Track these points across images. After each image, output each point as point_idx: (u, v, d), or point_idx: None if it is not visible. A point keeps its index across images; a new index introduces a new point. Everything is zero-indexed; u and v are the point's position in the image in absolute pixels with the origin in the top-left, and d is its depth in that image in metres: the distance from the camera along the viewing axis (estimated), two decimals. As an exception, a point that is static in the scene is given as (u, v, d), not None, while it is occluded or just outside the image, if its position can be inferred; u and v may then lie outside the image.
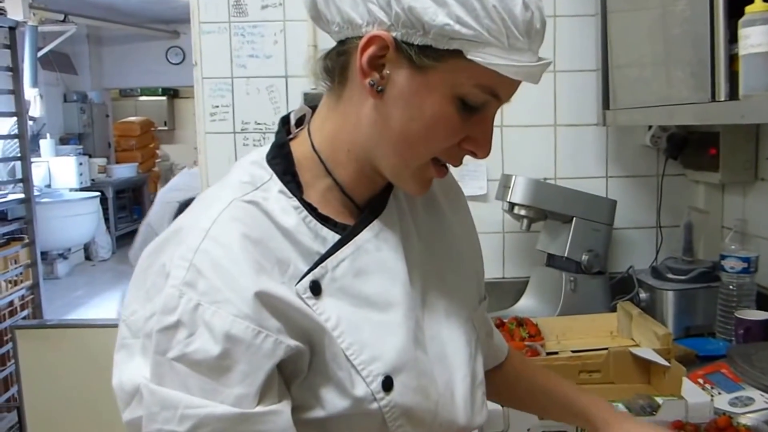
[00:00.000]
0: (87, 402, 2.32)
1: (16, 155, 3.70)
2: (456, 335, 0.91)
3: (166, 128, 10.64)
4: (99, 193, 7.14)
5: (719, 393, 1.43)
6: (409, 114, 0.77)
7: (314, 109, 0.88)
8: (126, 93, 10.38)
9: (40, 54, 6.59)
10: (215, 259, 0.72)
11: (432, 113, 0.77)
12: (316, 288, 0.77)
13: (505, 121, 2.16)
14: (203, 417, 0.69)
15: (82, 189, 7.12)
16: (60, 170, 7.04)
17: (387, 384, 0.78)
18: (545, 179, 2.16)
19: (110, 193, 7.58)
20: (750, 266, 1.72)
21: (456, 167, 0.86)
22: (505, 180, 2.02)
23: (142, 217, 4.21)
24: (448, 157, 0.82)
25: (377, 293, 0.82)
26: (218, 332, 0.70)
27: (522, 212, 2.00)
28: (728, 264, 1.74)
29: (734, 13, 1.20)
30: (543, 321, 1.87)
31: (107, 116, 8.88)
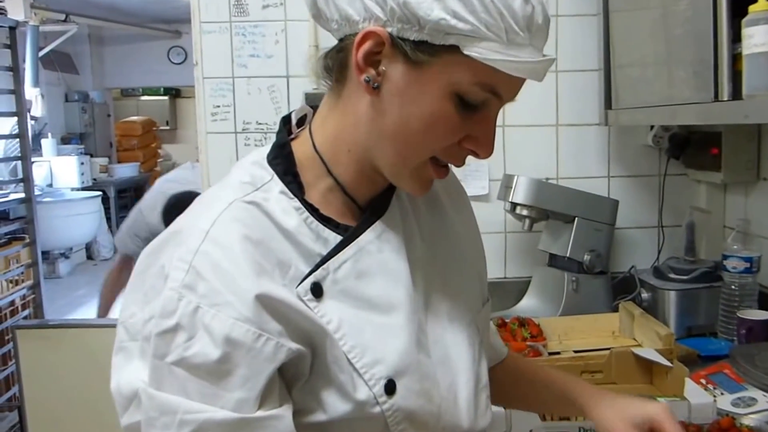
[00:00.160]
0: (88, 402, 2.31)
1: (18, 155, 3.69)
2: (459, 338, 0.90)
3: (168, 128, 10.64)
4: (101, 193, 7.14)
5: (722, 393, 1.42)
6: (406, 111, 0.76)
7: (316, 109, 0.87)
8: (128, 93, 10.39)
9: (42, 54, 6.60)
10: (215, 261, 0.71)
11: (429, 110, 0.75)
12: (318, 290, 0.76)
13: (507, 121, 2.16)
14: (203, 422, 0.68)
15: (84, 188, 7.13)
16: (62, 170, 7.05)
17: (389, 387, 0.77)
18: (547, 179, 2.16)
19: (112, 193, 7.59)
20: (752, 266, 1.72)
21: (458, 167, 0.84)
22: (507, 180, 2.01)
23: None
24: (449, 157, 0.81)
25: (379, 295, 0.81)
26: (218, 336, 0.68)
27: (524, 212, 1.99)
28: (730, 264, 1.74)
29: (737, 13, 1.19)
30: (545, 321, 1.87)
31: (109, 116, 8.89)
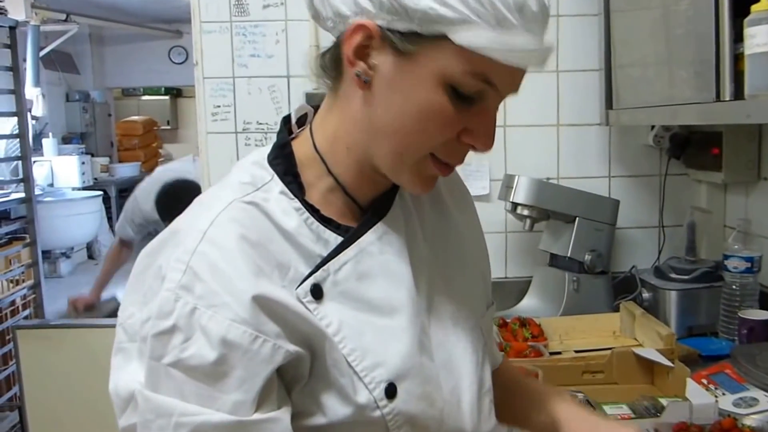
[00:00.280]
0: (88, 402, 2.31)
1: (19, 155, 3.69)
2: (463, 341, 0.88)
3: (169, 127, 10.61)
4: (101, 192, 7.11)
5: (723, 394, 1.42)
6: (398, 104, 0.74)
7: (317, 110, 0.86)
8: (129, 92, 10.36)
9: (43, 53, 6.59)
10: (212, 262, 0.70)
11: (421, 103, 0.73)
12: (318, 291, 0.75)
13: (508, 121, 2.15)
14: (198, 425, 0.68)
15: (85, 188, 7.11)
16: (63, 169, 7.03)
17: (390, 391, 0.76)
18: (548, 179, 2.16)
19: (113, 192, 7.55)
20: (753, 266, 1.72)
21: (458, 165, 0.81)
22: (508, 180, 2.01)
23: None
24: (447, 153, 0.77)
25: (381, 297, 0.79)
26: (214, 337, 0.68)
27: (525, 212, 1.99)
28: (731, 264, 1.73)
29: (739, 12, 1.19)
30: (546, 321, 1.87)
31: (110, 115, 8.86)
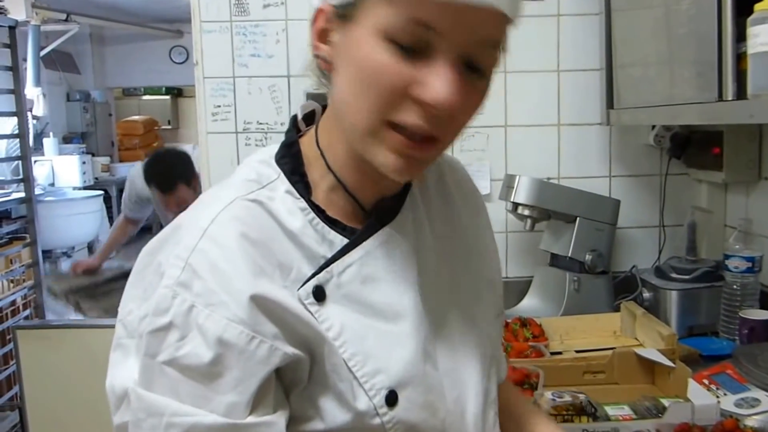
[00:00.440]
0: (88, 402, 2.31)
1: (19, 155, 3.69)
2: (470, 350, 0.86)
3: (170, 127, 10.61)
4: (102, 192, 7.12)
5: (725, 394, 1.42)
6: (348, 73, 0.71)
7: (326, 107, 0.84)
8: (129, 92, 10.36)
9: (43, 53, 6.59)
10: (212, 260, 0.69)
11: (363, 63, 0.69)
12: (320, 293, 0.73)
13: (509, 121, 2.15)
14: (190, 426, 0.66)
15: (86, 188, 7.11)
16: (63, 169, 7.03)
17: (391, 398, 0.74)
18: (548, 179, 2.15)
19: (113, 192, 7.55)
20: (754, 266, 1.72)
21: (423, 131, 0.70)
22: (509, 180, 2.01)
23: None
24: (403, 115, 0.69)
25: (385, 302, 0.77)
26: (211, 336, 0.66)
27: (525, 212, 1.99)
28: (732, 264, 1.73)
29: (742, 11, 1.19)
30: (546, 321, 1.87)
31: (110, 115, 8.87)
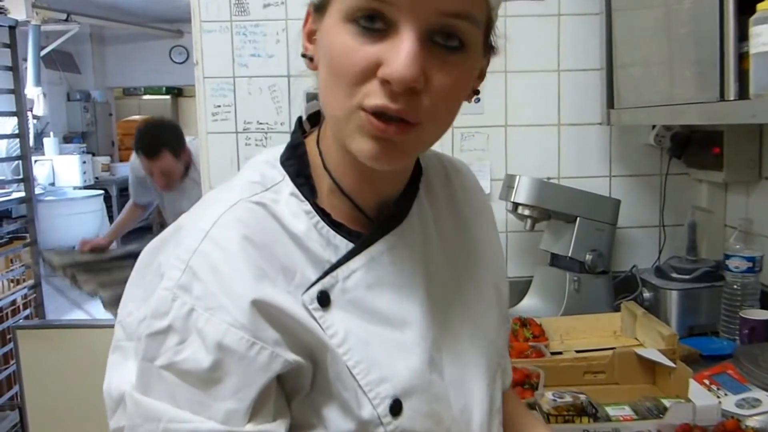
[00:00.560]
0: (88, 402, 2.30)
1: (19, 154, 3.69)
2: (477, 359, 0.84)
3: (170, 127, 10.62)
4: (103, 192, 7.12)
5: (726, 394, 1.41)
6: (324, 64, 0.71)
7: None
8: (129, 92, 10.36)
9: (43, 53, 6.59)
10: (213, 262, 0.67)
11: (330, 49, 0.69)
12: (325, 299, 0.71)
13: (509, 121, 2.15)
14: None
15: (86, 187, 7.12)
16: (64, 169, 7.04)
17: (395, 408, 0.72)
18: (549, 179, 2.15)
19: (114, 192, 7.55)
20: (755, 266, 1.72)
21: (391, 110, 0.66)
22: (509, 180, 2.01)
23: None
24: (370, 96, 0.66)
25: (391, 309, 0.75)
26: (210, 341, 0.65)
27: (526, 212, 1.99)
28: (733, 264, 1.73)
29: (744, 11, 1.18)
30: (546, 321, 1.86)
31: (111, 115, 8.88)
